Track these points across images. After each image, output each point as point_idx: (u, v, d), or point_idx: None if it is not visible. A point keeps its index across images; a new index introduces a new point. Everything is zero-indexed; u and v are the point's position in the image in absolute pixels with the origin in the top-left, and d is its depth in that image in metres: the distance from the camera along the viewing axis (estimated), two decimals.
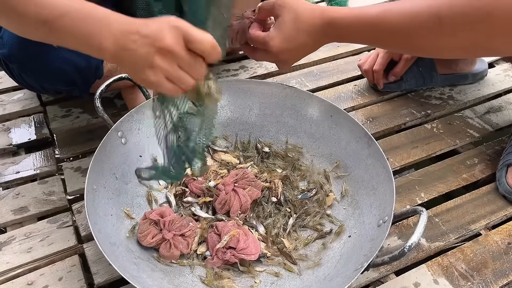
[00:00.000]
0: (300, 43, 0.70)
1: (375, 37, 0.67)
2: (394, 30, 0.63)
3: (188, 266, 0.72)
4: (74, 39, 0.57)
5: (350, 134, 0.88)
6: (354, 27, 0.67)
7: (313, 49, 0.72)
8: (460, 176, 0.92)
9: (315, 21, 0.68)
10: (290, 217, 0.80)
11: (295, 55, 0.72)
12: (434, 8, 0.58)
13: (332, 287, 0.66)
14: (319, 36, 0.69)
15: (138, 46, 0.55)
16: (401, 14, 0.61)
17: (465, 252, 0.79)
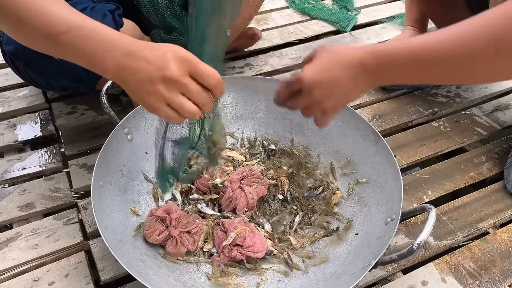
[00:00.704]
0: (333, 77, 0.63)
1: (423, 67, 0.59)
2: (446, 59, 0.57)
3: (194, 263, 0.72)
4: (76, 55, 0.58)
5: (357, 132, 0.88)
6: (400, 56, 0.59)
7: (349, 87, 0.63)
8: (467, 174, 0.92)
9: (353, 55, 0.62)
10: (296, 214, 0.80)
11: (329, 91, 0.63)
12: (491, 33, 0.55)
13: (339, 285, 0.66)
14: (355, 70, 0.62)
15: (140, 69, 0.55)
16: (454, 42, 0.57)
17: (473, 250, 0.78)
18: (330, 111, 0.66)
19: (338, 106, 0.66)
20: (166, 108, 0.57)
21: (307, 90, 0.64)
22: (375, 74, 0.61)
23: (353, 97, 0.65)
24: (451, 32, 0.57)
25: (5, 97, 1.07)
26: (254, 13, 1.08)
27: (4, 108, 1.04)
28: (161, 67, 0.55)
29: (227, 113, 0.94)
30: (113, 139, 0.78)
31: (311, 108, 0.66)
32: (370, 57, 0.61)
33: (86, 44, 0.57)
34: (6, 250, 0.76)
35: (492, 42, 0.55)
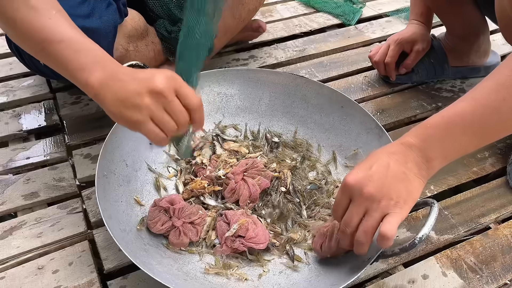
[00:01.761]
0: (381, 164, 0.58)
1: (479, 128, 0.59)
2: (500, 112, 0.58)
3: (197, 254, 0.73)
4: (62, 66, 0.60)
5: (360, 126, 0.88)
6: (436, 124, 0.59)
7: (403, 171, 0.58)
8: (470, 170, 0.92)
9: (392, 143, 0.62)
10: (299, 207, 0.80)
11: (382, 182, 0.57)
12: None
13: (341, 277, 0.66)
14: (401, 151, 0.59)
15: (129, 80, 0.57)
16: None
17: (474, 245, 0.78)
18: (394, 208, 0.57)
19: (400, 201, 0.57)
20: (150, 123, 0.58)
21: (357, 191, 0.58)
22: (422, 149, 0.59)
23: (412, 184, 0.58)
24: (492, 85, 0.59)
25: (10, 87, 1.07)
26: (259, 5, 1.08)
27: (9, 98, 1.04)
28: (149, 80, 0.57)
29: (231, 105, 0.94)
30: (118, 129, 0.78)
31: (369, 212, 0.58)
32: (409, 137, 0.60)
33: (76, 57, 0.58)
34: (10, 238, 0.76)
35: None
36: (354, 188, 0.59)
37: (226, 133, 0.92)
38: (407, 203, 0.58)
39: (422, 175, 0.60)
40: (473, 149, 0.63)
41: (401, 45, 1.07)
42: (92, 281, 0.71)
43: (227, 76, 0.94)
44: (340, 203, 0.62)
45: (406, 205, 0.58)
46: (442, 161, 0.60)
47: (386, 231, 0.56)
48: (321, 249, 0.71)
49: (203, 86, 0.91)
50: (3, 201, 0.82)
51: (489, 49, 1.10)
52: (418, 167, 0.59)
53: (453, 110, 0.60)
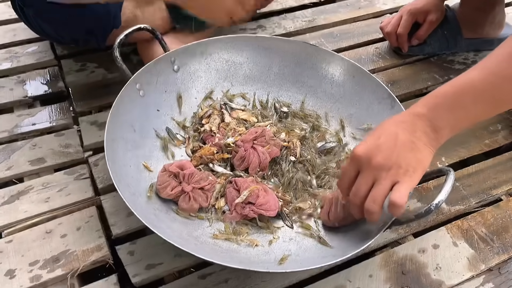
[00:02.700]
0: (390, 134, 0.58)
1: (490, 97, 0.58)
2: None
3: (206, 220, 0.72)
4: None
5: (372, 95, 0.86)
6: (445, 93, 0.59)
7: (411, 141, 0.58)
8: (482, 142, 0.90)
9: (401, 113, 0.62)
10: (309, 175, 0.79)
11: (391, 151, 0.57)
12: None
13: (352, 244, 0.65)
14: (409, 120, 0.59)
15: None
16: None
17: (485, 216, 0.78)
18: (404, 176, 0.56)
19: (410, 169, 0.57)
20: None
21: (366, 162, 0.57)
22: (430, 118, 0.59)
23: (421, 153, 0.58)
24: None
25: (14, 53, 1.05)
26: None
27: (13, 64, 1.02)
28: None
29: (239, 73, 0.92)
30: (125, 94, 0.77)
31: (379, 181, 0.57)
32: (417, 107, 0.60)
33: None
34: (17, 203, 0.76)
35: None
36: (363, 159, 0.58)
37: (234, 102, 0.91)
38: (416, 172, 0.57)
39: (431, 144, 0.59)
40: (482, 118, 0.62)
41: (414, 15, 1.04)
42: (100, 245, 0.71)
43: (236, 44, 0.91)
44: (347, 174, 0.61)
45: (416, 174, 0.57)
46: (451, 131, 0.60)
47: (396, 199, 0.55)
48: (328, 217, 0.70)
49: (211, 53, 0.89)
50: (9, 166, 0.81)
51: (503, 21, 1.08)
52: (426, 136, 0.59)
53: (464, 79, 0.60)
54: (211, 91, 0.89)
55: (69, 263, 0.68)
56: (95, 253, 0.70)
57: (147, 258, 0.69)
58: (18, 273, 0.67)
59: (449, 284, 0.68)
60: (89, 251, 0.70)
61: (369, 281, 0.68)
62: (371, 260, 0.71)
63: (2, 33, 1.09)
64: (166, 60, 0.84)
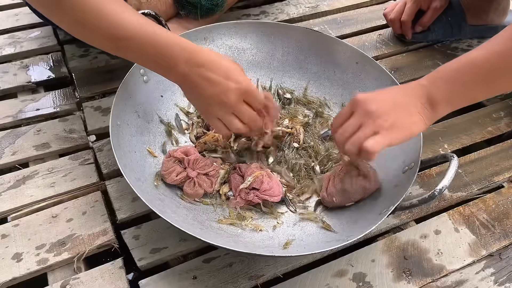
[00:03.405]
0: (389, 93, 0.64)
1: (489, 76, 0.61)
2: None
3: (211, 205, 0.73)
4: (139, 60, 0.67)
5: (375, 82, 0.86)
6: (445, 68, 0.63)
7: (406, 103, 0.61)
8: (485, 129, 0.91)
9: (412, 82, 0.66)
10: (312, 161, 0.80)
11: (385, 104, 0.61)
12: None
13: (355, 228, 0.66)
14: (410, 87, 0.64)
15: (203, 87, 0.63)
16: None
17: (487, 203, 0.78)
18: (385, 130, 0.59)
19: (395, 126, 0.60)
20: (217, 120, 0.67)
21: (360, 106, 0.61)
22: (429, 90, 0.62)
23: (411, 117, 0.61)
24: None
25: (17, 38, 1.05)
26: None
27: (16, 49, 1.02)
28: (223, 91, 0.63)
29: (242, 59, 0.92)
30: (129, 80, 0.77)
31: (363, 127, 0.60)
32: (422, 79, 0.64)
33: (148, 53, 0.62)
34: (23, 187, 0.76)
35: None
36: (359, 103, 0.62)
37: None
38: (400, 131, 0.60)
39: (424, 114, 0.62)
40: (479, 97, 0.65)
41: (418, 2, 1.04)
42: (106, 229, 0.72)
43: (240, 29, 0.91)
44: (343, 112, 0.65)
45: (398, 133, 0.60)
46: (446, 105, 0.62)
47: (367, 145, 0.58)
48: (326, 192, 0.71)
49: (214, 38, 0.89)
50: (14, 151, 0.82)
51: (508, 7, 1.07)
52: (422, 106, 0.62)
53: (467, 56, 0.62)
54: None
55: (75, 246, 0.69)
56: (101, 237, 0.71)
57: (152, 243, 0.70)
58: (25, 257, 0.68)
59: (450, 269, 0.69)
60: (95, 235, 0.71)
61: (371, 265, 0.69)
62: (374, 245, 0.72)
63: (4, 18, 1.09)
64: None
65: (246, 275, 0.67)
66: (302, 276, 0.67)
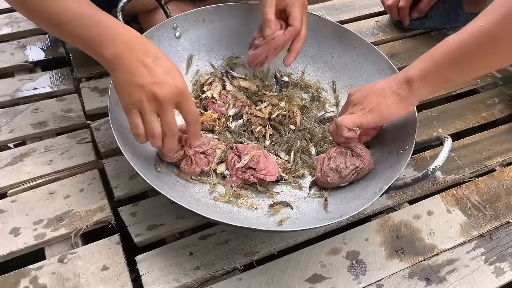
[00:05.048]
0: (373, 83, 0.72)
1: (461, 56, 0.64)
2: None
3: (207, 183, 0.73)
4: (78, 43, 0.62)
5: (373, 66, 0.87)
6: (438, 48, 0.66)
7: (380, 89, 0.69)
8: (479, 115, 0.92)
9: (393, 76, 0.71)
10: (308, 143, 0.80)
11: (366, 92, 0.71)
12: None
13: (349, 207, 0.67)
14: (393, 79, 0.69)
15: (137, 70, 0.59)
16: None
17: (479, 185, 0.80)
18: (359, 110, 0.70)
19: (366, 108, 0.69)
20: (136, 115, 0.60)
21: (348, 97, 0.75)
22: (406, 69, 0.68)
23: (385, 100, 0.68)
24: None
25: (14, 18, 1.04)
26: None
27: (13, 29, 1.02)
28: (157, 82, 0.59)
29: (241, 42, 0.92)
30: None
31: (346, 112, 0.73)
32: (400, 72, 0.70)
33: (88, 33, 0.60)
34: (21, 164, 0.77)
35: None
36: (349, 95, 0.75)
37: (235, 70, 0.91)
38: (371, 112, 0.69)
39: (398, 93, 0.68)
40: (454, 77, 0.66)
41: None
42: (103, 206, 0.72)
43: (238, 11, 0.91)
44: (345, 105, 0.77)
45: (370, 113, 0.69)
46: (421, 83, 0.66)
47: (337, 120, 0.71)
48: (321, 172, 0.72)
49: (213, 20, 0.89)
50: (12, 129, 0.82)
51: None
52: (398, 86, 0.68)
53: (447, 39, 0.66)
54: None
55: (72, 222, 0.70)
56: (98, 214, 0.71)
57: (148, 219, 0.71)
58: (23, 231, 0.68)
59: (442, 248, 0.70)
60: (92, 212, 0.71)
61: (364, 244, 0.70)
62: (367, 224, 0.73)
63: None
64: (168, 26, 0.84)
65: (242, 251, 0.68)
66: (297, 253, 0.68)
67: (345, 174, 0.71)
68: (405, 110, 0.68)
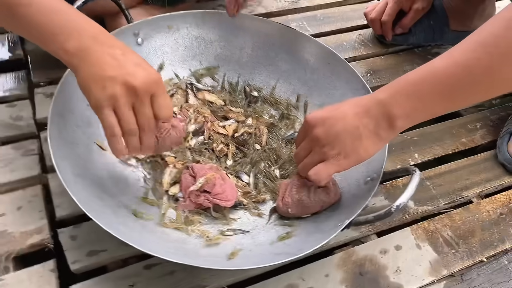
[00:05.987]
0: (340, 113, 0.58)
1: (449, 88, 0.54)
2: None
3: (156, 206, 0.67)
4: (32, 30, 0.54)
5: (346, 85, 0.82)
6: (421, 80, 0.55)
7: (358, 128, 0.57)
8: (458, 140, 0.87)
9: (370, 94, 0.60)
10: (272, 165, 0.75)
11: (332, 130, 0.58)
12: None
13: (308, 241, 0.61)
14: (366, 105, 0.57)
15: (109, 61, 0.52)
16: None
17: (453, 218, 0.74)
18: (332, 158, 0.58)
19: (341, 154, 0.58)
20: (110, 113, 0.53)
21: (309, 130, 0.60)
22: (387, 104, 0.56)
23: (362, 142, 0.57)
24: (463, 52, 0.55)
25: None
26: None
27: None
28: (130, 73, 0.52)
29: (209, 52, 0.86)
30: None
31: (312, 153, 0.61)
32: (380, 91, 0.58)
33: (50, 21, 0.53)
34: None
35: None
36: (309, 126, 0.61)
37: (201, 81, 0.85)
38: (347, 158, 0.58)
39: (377, 134, 0.57)
40: (441, 111, 0.58)
41: (399, 2, 0.99)
42: (41, 228, 0.66)
43: (208, 20, 0.85)
44: (300, 135, 0.65)
45: (346, 160, 0.58)
46: (406, 120, 0.57)
47: (311, 174, 0.60)
48: (282, 201, 0.67)
49: (180, 27, 0.84)
50: None
51: (493, 14, 1.02)
52: (376, 124, 0.57)
53: (429, 66, 0.56)
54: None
55: (5, 244, 0.64)
56: (35, 236, 0.65)
57: (90, 244, 0.65)
58: None
59: None
60: (28, 233, 0.65)
61: (324, 280, 0.64)
62: (329, 259, 0.67)
63: None
64: (128, 32, 0.78)
65: (189, 284, 0.62)
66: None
67: (308, 207, 0.65)
68: (382, 147, 0.60)
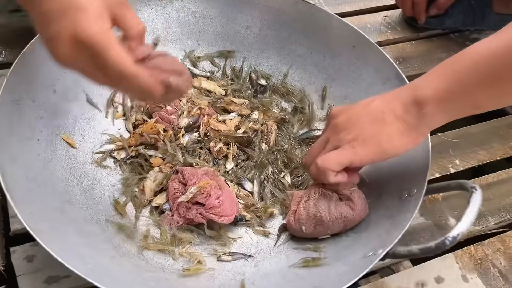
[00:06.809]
0: (364, 101, 0.53)
1: (495, 72, 0.46)
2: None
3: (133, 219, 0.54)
4: None
5: (376, 74, 0.68)
6: (463, 61, 0.47)
7: (375, 111, 0.50)
8: (507, 144, 0.73)
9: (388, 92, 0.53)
10: (282, 170, 0.61)
11: (354, 116, 0.52)
12: None
13: (327, 275, 0.47)
14: (398, 89, 0.52)
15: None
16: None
17: (507, 243, 0.61)
18: (346, 143, 0.51)
19: (358, 139, 0.50)
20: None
21: (331, 119, 0.54)
22: (417, 88, 0.49)
23: (385, 127, 0.49)
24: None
25: None
26: None
27: None
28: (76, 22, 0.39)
29: (209, 30, 0.73)
30: None
31: (328, 144, 0.53)
32: (416, 79, 0.51)
33: None
34: None
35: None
36: (330, 117, 0.55)
37: (199, 66, 0.72)
38: (365, 145, 0.50)
39: (404, 120, 0.50)
40: (485, 103, 0.49)
41: None
42: None
43: None
44: (323, 131, 0.58)
45: (363, 148, 0.50)
46: (438, 107, 0.48)
47: (317, 161, 0.51)
48: (294, 217, 0.53)
49: (172, 0, 0.69)
50: None
51: None
52: (403, 108, 0.50)
53: (471, 48, 0.48)
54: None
55: None
56: None
57: (49, 268, 0.51)
58: None
59: None
60: None
61: None
62: None
63: None
64: None
65: None
66: None
67: (327, 225, 0.51)
68: (413, 143, 0.50)
